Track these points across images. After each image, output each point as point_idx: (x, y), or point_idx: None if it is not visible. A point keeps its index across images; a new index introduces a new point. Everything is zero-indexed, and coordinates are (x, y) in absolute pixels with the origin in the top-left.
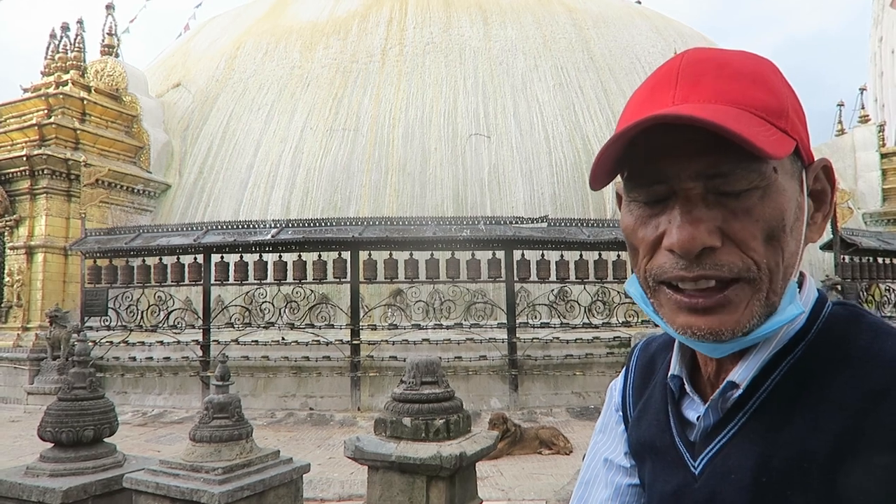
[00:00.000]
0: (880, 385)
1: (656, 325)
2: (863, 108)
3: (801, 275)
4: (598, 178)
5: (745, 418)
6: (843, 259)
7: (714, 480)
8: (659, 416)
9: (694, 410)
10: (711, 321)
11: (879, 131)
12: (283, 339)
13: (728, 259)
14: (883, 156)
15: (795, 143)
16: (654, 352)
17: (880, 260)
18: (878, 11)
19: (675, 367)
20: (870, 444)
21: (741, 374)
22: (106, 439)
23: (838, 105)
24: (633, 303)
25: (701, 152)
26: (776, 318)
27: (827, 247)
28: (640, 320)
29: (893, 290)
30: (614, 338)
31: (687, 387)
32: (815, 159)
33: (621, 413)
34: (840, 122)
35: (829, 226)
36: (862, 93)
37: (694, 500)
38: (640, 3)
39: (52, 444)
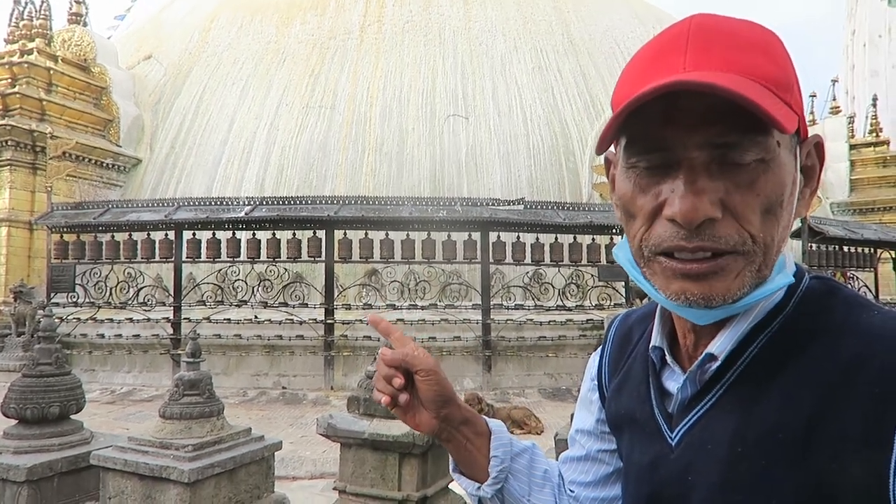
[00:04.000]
0: (854, 357)
1: (629, 307)
2: (834, 99)
3: None
4: (606, 143)
5: (723, 391)
6: (811, 247)
7: (690, 452)
8: (640, 387)
9: (674, 381)
10: (704, 287)
11: (849, 123)
12: (255, 317)
13: (726, 232)
14: (852, 147)
15: (798, 118)
16: (632, 324)
17: (846, 248)
18: (851, 4)
19: (656, 339)
20: (843, 416)
21: (720, 345)
22: (73, 416)
23: (811, 96)
24: (607, 286)
25: (709, 121)
26: (766, 287)
27: (795, 234)
28: (612, 303)
29: (857, 277)
30: (587, 320)
31: (668, 357)
32: (809, 135)
33: (596, 382)
34: (812, 112)
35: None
36: (834, 84)
37: (669, 471)
38: None
39: (17, 421)
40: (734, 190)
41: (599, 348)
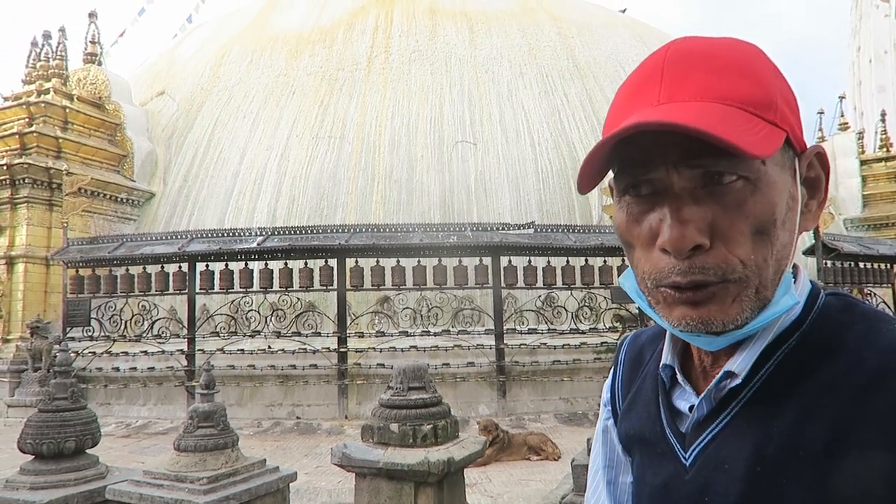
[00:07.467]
0: (875, 372)
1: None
2: (842, 115)
3: (795, 266)
4: (585, 184)
5: (739, 408)
6: (826, 264)
7: (707, 471)
8: (649, 406)
9: (685, 400)
10: (702, 312)
11: (859, 139)
12: (269, 347)
13: (713, 262)
14: (862, 163)
15: (786, 134)
16: (643, 343)
17: (861, 264)
18: (855, 21)
19: (666, 357)
20: (865, 432)
21: (740, 364)
22: (88, 451)
23: (819, 113)
24: (620, 307)
25: (688, 150)
26: (771, 310)
27: (809, 251)
28: (626, 325)
29: (875, 294)
30: (601, 343)
31: (679, 377)
32: (808, 147)
33: (610, 407)
34: (821, 129)
35: (811, 232)
36: (841, 101)
37: (686, 492)
38: (624, 11)
39: (33, 457)
40: (722, 214)
41: (611, 373)
